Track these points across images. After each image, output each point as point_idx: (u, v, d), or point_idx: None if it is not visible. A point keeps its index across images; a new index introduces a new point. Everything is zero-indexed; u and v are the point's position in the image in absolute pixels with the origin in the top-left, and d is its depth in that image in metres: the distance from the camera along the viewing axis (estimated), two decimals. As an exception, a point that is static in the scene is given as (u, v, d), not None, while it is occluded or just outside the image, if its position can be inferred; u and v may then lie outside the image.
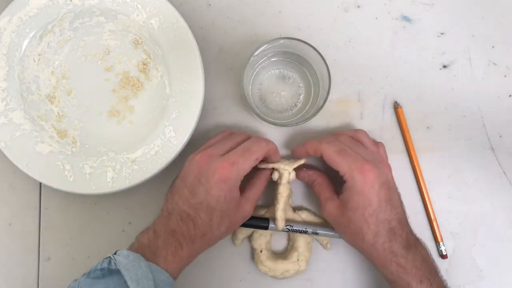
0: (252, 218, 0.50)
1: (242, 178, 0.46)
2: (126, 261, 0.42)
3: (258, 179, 0.50)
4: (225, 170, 0.45)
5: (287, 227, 0.51)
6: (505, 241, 0.55)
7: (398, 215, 0.47)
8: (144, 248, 0.45)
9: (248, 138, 0.50)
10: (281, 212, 0.50)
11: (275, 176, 0.51)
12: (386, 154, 0.52)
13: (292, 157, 0.53)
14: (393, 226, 0.46)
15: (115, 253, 0.44)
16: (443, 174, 0.55)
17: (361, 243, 0.47)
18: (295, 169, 0.51)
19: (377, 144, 0.52)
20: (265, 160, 0.50)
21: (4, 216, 0.54)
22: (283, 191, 0.50)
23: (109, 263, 0.43)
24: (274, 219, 0.50)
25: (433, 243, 0.54)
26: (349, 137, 0.51)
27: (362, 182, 0.46)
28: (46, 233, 0.54)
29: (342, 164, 0.47)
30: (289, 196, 0.51)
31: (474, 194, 0.55)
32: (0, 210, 0.54)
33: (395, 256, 0.46)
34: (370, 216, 0.46)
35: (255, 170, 0.50)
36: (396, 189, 0.49)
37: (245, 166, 0.46)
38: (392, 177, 0.49)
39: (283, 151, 0.55)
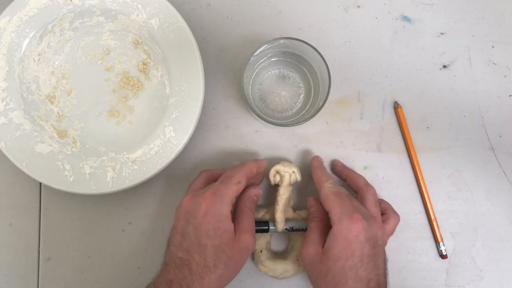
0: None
1: (230, 207, 0.45)
2: None
3: (241, 209, 0.48)
4: (208, 201, 0.44)
5: (287, 228, 0.51)
6: (505, 241, 0.55)
7: (378, 276, 0.44)
8: None
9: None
10: (280, 213, 0.50)
11: (276, 178, 0.51)
12: (394, 226, 0.49)
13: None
14: (371, 287, 0.43)
15: None
16: (443, 174, 0.55)
17: None
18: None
19: (383, 208, 0.50)
20: (256, 174, 0.49)
21: (4, 216, 0.54)
22: (283, 193, 0.50)
23: None
24: (274, 221, 0.50)
25: (433, 243, 0.54)
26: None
27: (349, 229, 0.44)
28: (46, 233, 0.54)
29: (335, 206, 0.45)
30: (290, 197, 0.51)
31: (474, 194, 0.55)
32: (0, 210, 0.54)
33: None
34: (350, 270, 0.43)
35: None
36: (383, 250, 0.46)
37: (228, 191, 0.45)
38: (382, 236, 0.46)
39: (283, 151, 0.55)
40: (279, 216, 0.50)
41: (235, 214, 0.48)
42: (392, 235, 0.50)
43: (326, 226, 0.47)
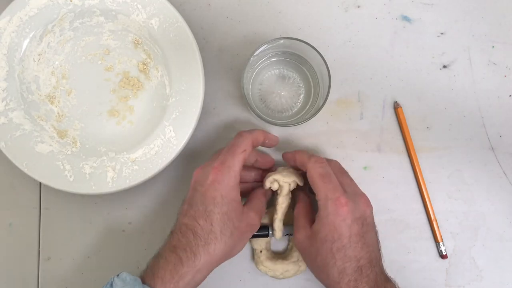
0: None
1: (237, 177, 0.45)
2: (123, 284, 0.42)
3: (256, 193, 0.50)
4: (216, 170, 0.45)
5: (287, 235, 0.51)
6: (505, 241, 0.55)
7: (369, 253, 0.44)
8: (147, 269, 0.44)
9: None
10: (279, 222, 0.50)
11: (274, 186, 0.50)
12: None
13: (283, 159, 0.52)
14: (362, 264, 0.43)
15: (118, 275, 0.43)
16: (443, 174, 0.55)
17: (326, 279, 0.44)
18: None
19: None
20: (262, 145, 0.50)
21: (4, 216, 0.54)
22: (282, 202, 0.50)
23: (111, 285, 0.42)
24: (272, 226, 0.50)
25: (433, 243, 0.54)
26: (340, 165, 0.50)
27: (335, 214, 0.43)
28: (46, 233, 0.54)
29: (320, 190, 0.45)
30: (288, 205, 0.51)
31: (474, 194, 0.55)
32: (0, 210, 0.54)
33: None
34: (338, 251, 0.43)
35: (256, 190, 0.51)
36: (373, 226, 0.46)
37: (235, 161, 0.45)
38: (370, 213, 0.46)
39: (283, 152, 0.55)
40: (278, 225, 0.50)
41: (249, 196, 0.49)
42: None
43: (312, 208, 0.48)
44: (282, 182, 0.50)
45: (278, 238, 0.50)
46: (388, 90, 0.56)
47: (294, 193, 0.51)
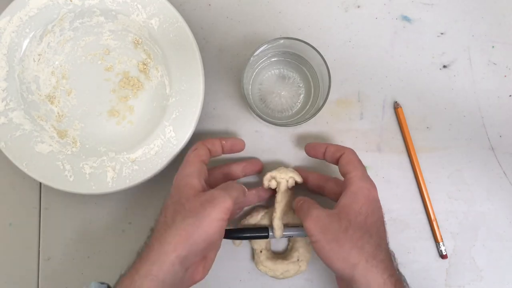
0: (252, 228, 0.51)
1: (195, 166, 0.45)
2: None
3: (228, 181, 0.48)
4: (186, 157, 0.46)
5: (286, 234, 0.50)
6: (505, 241, 0.55)
7: (387, 244, 0.44)
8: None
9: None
10: (278, 221, 0.50)
11: (272, 184, 0.51)
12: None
13: (306, 153, 0.52)
14: (386, 249, 0.43)
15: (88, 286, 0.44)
16: (443, 174, 0.55)
17: (358, 254, 0.41)
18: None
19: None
20: (226, 152, 0.50)
21: (4, 216, 0.54)
22: (280, 200, 0.50)
23: None
24: (272, 226, 0.50)
25: (433, 243, 0.54)
26: None
27: (370, 190, 0.45)
28: (46, 233, 0.54)
29: (358, 167, 0.46)
30: (289, 202, 0.51)
31: (474, 194, 0.55)
32: (0, 210, 0.54)
33: (391, 277, 0.41)
34: (372, 225, 0.43)
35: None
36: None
37: (189, 157, 0.46)
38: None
39: (283, 152, 0.55)
40: (277, 223, 0.50)
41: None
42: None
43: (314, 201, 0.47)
44: (279, 178, 0.50)
45: (278, 237, 0.50)
46: (388, 90, 0.56)
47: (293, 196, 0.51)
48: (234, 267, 0.54)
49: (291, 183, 0.50)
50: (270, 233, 0.51)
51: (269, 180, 0.51)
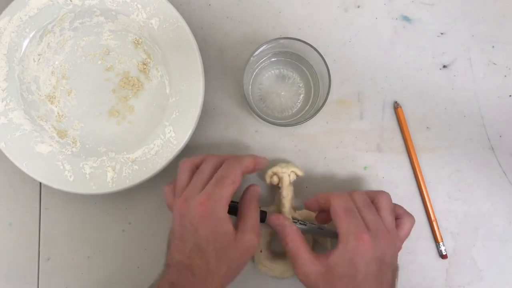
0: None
1: (226, 207, 0.44)
2: None
3: (247, 206, 0.47)
4: (203, 206, 0.43)
5: (295, 221, 0.50)
6: (505, 241, 0.55)
7: None
8: None
9: (219, 161, 0.47)
10: (289, 215, 0.50)
11: (274, 180, 0.51)
12: (409, 230, 0.48)
13: (305, 208, 0.51)
14: None
15: None
16: (443, 174, 0.55)
17: None
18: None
19: (397, 213, 0.48)
20: (252, 171, 0.48)
21: (4, 216, 0.54)
22: (286, 195, 0.50)
23: None
24: None
25: (433, 243, 0.54)
26: (366, 197, 0.47)
27: (355, 250, 0.43)
28: (46, 233, 0.54)
29: (343, 223, 0.44)
30: (292, 197, 0.51)
31: (474, 194, 0.55)
32: (0, 210, 0.54)
33: None
34: (363, 282, 0.43)
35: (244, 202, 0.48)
36: (390, 266, 0.45)
37: (223, 193, 0.44)
38: (390, 253, 0.45)
39: (283, 151, 0.55)
40: (288, 217, 0.50)
41: (239, 211, 0.47)
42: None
43: (303, 237, 0.47)
44: (281, 173, 0.50)
45: None
46: (388, 90, 0.56)
47: (280, 229, 0.48)
48: (234, 267, 0.54)
49: (292, 177, 0.51)
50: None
51: (270, 177, 0.51)
